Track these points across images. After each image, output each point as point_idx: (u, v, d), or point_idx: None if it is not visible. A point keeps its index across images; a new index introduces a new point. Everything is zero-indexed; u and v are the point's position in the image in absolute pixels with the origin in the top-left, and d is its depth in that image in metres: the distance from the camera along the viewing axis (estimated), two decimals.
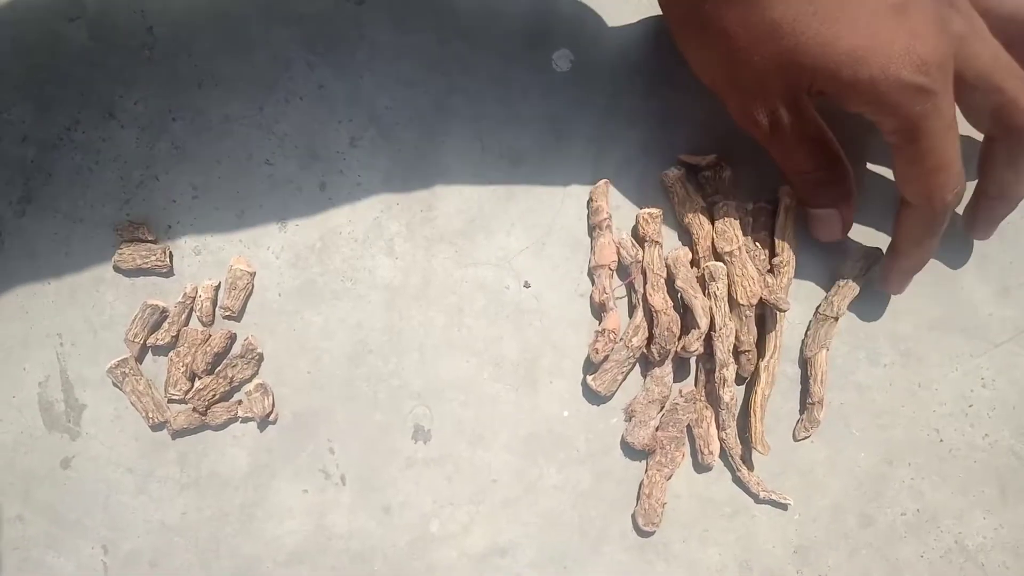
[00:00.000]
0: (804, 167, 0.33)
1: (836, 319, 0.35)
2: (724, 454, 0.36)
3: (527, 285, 0.36)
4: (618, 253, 0.35)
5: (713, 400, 0.36)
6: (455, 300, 0.36)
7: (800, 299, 0.36)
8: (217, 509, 0.36)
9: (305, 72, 0.36)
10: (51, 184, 0.36)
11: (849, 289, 0.35)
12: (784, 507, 0.36)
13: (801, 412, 0.36)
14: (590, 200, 0.36)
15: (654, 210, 0.35)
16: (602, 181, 0.36)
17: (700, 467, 0.36)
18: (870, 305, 0.37)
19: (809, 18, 0.29)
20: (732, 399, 0.35)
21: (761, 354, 0.35)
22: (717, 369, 0.34)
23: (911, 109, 0.29)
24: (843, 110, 0.31)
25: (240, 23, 0.36)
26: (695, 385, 0.36)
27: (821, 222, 0.35)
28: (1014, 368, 0.37)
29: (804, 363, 0.36)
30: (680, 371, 0.36)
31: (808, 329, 0.36)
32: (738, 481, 0.36)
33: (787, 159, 0.33)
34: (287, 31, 0.36)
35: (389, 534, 0.36)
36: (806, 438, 0.36)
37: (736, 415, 0.36)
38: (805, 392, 0.36)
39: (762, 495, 0.36)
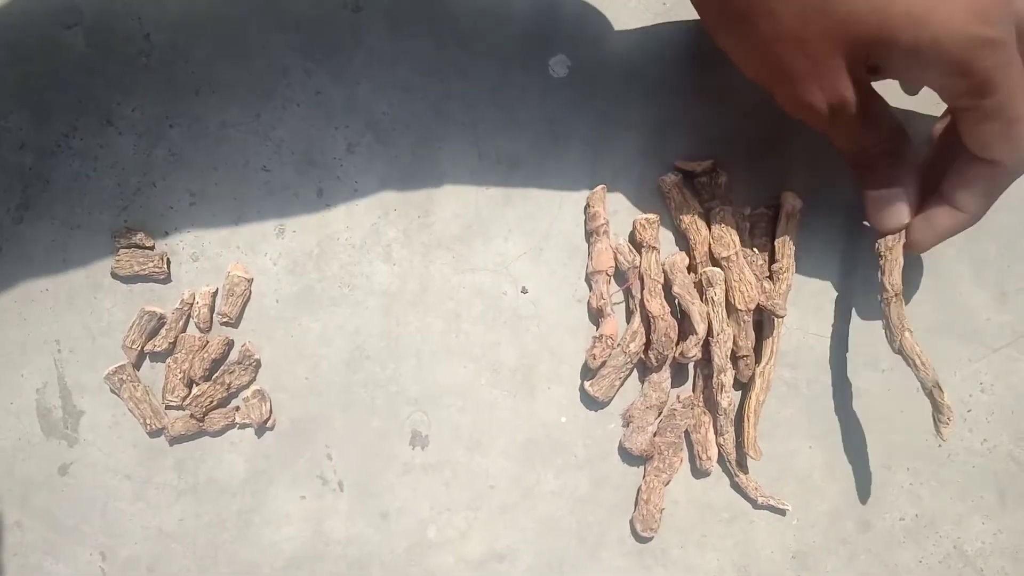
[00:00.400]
0: (867, 142, 0.31)
1: (898, 295, 0.33)
2: (722, 459, 0.36)
3: (524, 291, 0.36)
4: (615, 259, 0.35)
5: (711, 406, 0.35)
6: (452, 306, 0.36)
7: (798, 305, 0.36)
8: (215, 515, 0.36)
9: (302, 78, 0.37)
10: (49, 191, 0.36)
11: (894, 259, 0.33)
12: (782, 512, 0.36)
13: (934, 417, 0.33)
14: (587, 206, 0.36)
15: (651, 216, 0.35)
16: (599, 187, 0.36)
17: (698, 473, 0.36)
18: (869, 310, 0.37)
19: None
20: (730, 404, 0.35)
21: (757, 360, 0.35)
22: (715, 375, 0.34)
23: (982, 64, 0.27)
24: (903, 85, 0.30)
25: (237, 29, 0.37)
26: (693, 391, 0.36)
27: (886, 205, 0.32)
28: (1012, 373, 0.36)
29: (899, 354, 0.33)
30: (678, 376, 0.36)
31: (884, 323, 0.34)
32: (736, 487, 0.36)
33: (849, 139, 0.31)
34: (284, 38, 0.37)
35: (387, 540, 0.36)
36: (950, 432, 0.33)
37: (734, 420, 0.36)
38: (917, 386, 0.34)
39: (760, 500, 0.36)
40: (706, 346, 0.35)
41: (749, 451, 0.35)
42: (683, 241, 0.36)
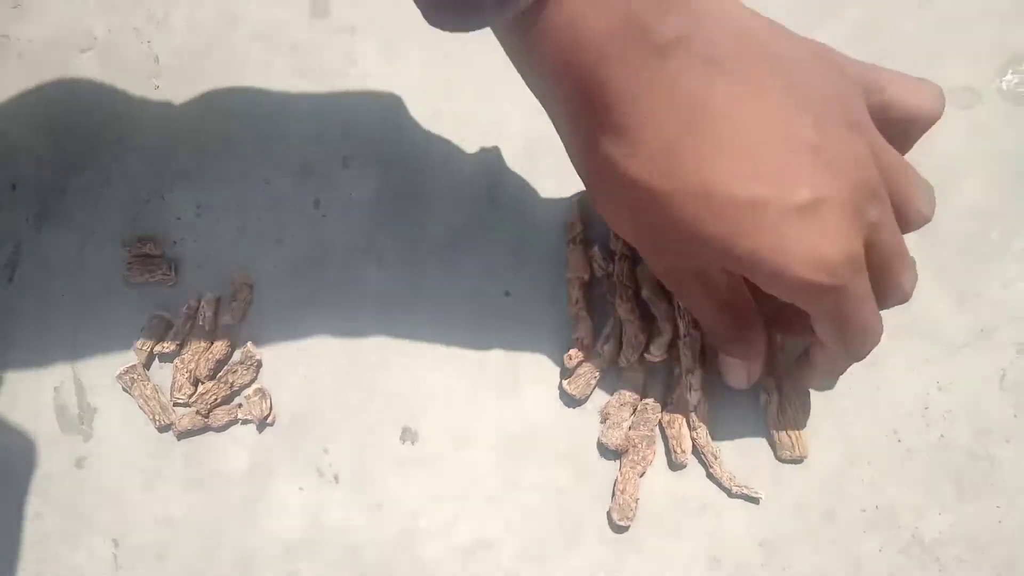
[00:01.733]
0: (715, 327, 0.34)
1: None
2: (696, 452, 0.38)
3: (508, 294, 0.39)
4: (591, 266, 0.38)
5: (684, 402, 0.38)
6: (442, 308, 0.39)
7: None
8: (219, 505, 0.39)
9: (300, 98, 0.39)
10: (65, 203, 0.39)
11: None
12: (756, 501, 0.38)
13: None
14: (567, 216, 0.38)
15: None
16: (575, 198, 0.38)
17: (675, 465, 0.38)
18: None
19: (710, 218, 0.27)
20: (699, 402, 0.37)
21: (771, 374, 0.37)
22: (683, 374, 0.36)
23: (818, 302, 0.29)
24: None
25: (240, 53, 0.39)
26: (667, 388, 0.38)
27: (728, 368, 0.36)
28: (969, 372, 0.38)
29: None
30: (652, 375, 0.38)
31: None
32: (711, 477, 0.38)
33: (698, 315, 0.34)
34: (283, 60, 0.39)
35: (379, 529, 0.38)
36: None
37: (706, 416, 0.37)
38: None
39: (735, 490, 0.38)
40: (676, 347, 0.37)
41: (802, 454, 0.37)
42: None
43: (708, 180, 0.27)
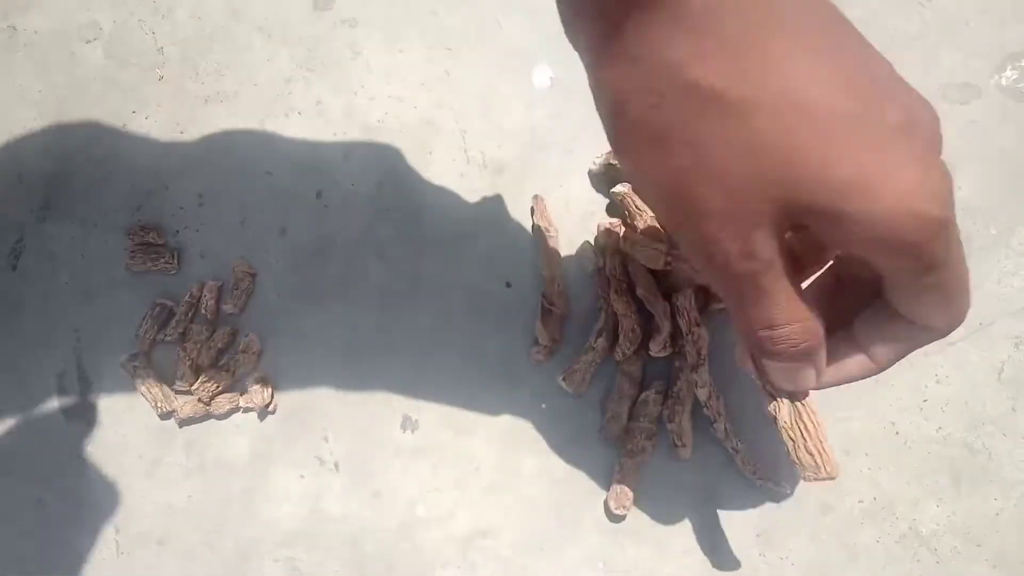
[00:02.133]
0: (773, 319, 0.26)
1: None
2: (718, 447, 0.38)
3: (508, 285, 0.39)
4: (581, 261, 0.38)
5: (685, 396, 0.38)
6: (441, 300, 0.39)
7: None
8: (220, 493, 0.39)
9: (303, 89, 0.39)
10: (69, 193, 0.39)
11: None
12: (777, 499, 0.38)
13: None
14: (532, 213, 0.39)
15: (615, 220, 0.38)
16: (537, 197, 0.39)
17: (676, 458, 0.39)
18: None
19: (805, 132, 0.22)
20: (709, 397, 0.37)
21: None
22: (687, 372, 0.36)
23: (933, 246, 0.23)
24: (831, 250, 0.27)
25: (244, 44, 0.39)
26: (668, 381, 0.38)
27: (790, 375, 0.29)
28: (967, 366, 0.39)
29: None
30: (652, 367, 0.39)
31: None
32: (735, 470, 0.38)
33: (753, 307, 0.26)
34: (287, 51, 0.39)
35: (379, 517, 0.39)
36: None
37: (721, 409, 0.37)
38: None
39: (758, 483, 0.38)
40: (680, 342, 0.37)
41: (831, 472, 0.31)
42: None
43: (805, 88, 0.22)
